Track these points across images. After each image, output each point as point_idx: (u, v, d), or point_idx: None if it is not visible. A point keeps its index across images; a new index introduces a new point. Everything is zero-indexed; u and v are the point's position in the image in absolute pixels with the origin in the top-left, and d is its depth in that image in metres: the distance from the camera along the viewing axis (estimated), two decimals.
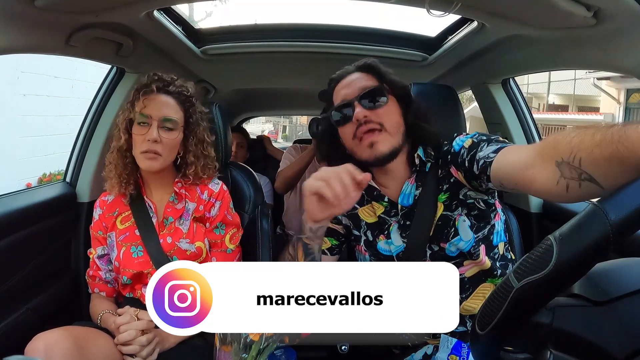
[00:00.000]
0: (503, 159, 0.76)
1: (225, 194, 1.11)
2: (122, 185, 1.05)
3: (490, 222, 0.93)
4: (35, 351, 0.81)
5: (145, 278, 1.04)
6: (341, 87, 0.96)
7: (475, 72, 1.58)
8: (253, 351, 0.67)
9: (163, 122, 1.01)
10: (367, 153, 0.91)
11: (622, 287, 0.41)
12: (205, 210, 1.08)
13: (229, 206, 1.11)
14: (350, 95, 0.92)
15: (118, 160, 1.04)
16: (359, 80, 0.94)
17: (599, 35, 0.93)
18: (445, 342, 0.88)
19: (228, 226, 1.10)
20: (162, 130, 1.01)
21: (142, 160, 1.01)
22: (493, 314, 0.42)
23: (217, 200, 1.09)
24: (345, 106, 0.93)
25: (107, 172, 1.07)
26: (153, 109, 1.00)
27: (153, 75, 1.05)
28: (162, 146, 1.01)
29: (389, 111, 0.92)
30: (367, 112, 0.89)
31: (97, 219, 1.10)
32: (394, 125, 0.91)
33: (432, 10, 0.99)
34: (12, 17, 0.89)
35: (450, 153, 0.91)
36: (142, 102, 1.00)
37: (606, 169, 0.50)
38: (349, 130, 0.92)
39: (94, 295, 1.12)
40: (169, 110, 1.02)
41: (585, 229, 0.39)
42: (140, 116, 1.00)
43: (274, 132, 20.08)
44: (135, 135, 1.01)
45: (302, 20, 7.18)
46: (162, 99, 1.02)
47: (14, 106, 4.99)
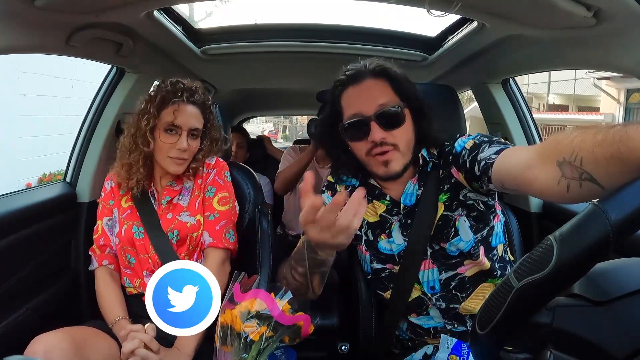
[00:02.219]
0: (504, 160, 0.76)
1: (220, 164, 1.16)
2: (139, 184, 1.09)
3: (489, 224, 0.93)
4: (35, 354, 0.81)
5: (147, 263, 1.07)
6: (354, 95, 0.91)
7: (475, 72, 1.58)
8: (253, 351, 0.67)
9: (190, 131, 1.07)
10: (381, 170, 0.91)
11: (622, 287, 0.41)
12: (203, 182, 1.13)
13: (222, 174, 1.15)
14: (366, 111, 0.88)
15: (140, 163, 1.07)
16: (375, 93, 0.89)
17: (599, 35, 0.93)
18: (445, 342, 0.88)
19: (218, 189, 1.12)
20: (189, 139, 1.07)
21: (171, 165, 1.07)
22: (493, 314, 0.42)
23: (213, 169, 1.15)
24: (360, 123, 0.89)
25: (122, 173, 1.09)
26: (183, 120, 1.06)
27: (177, 82, 1.08)
28: (189, 152, 1.08)
29: (404, 131, 0.90)
30: (384, 133, 0.88)
31: (109, 190, 1.15)
32: (407, 144, 0.91)
33: (432, 10, 0.99)
34: (12, 17, 0.89)
35: (452, 154, 0.91)
36: (172, 112, 1.05)
37: (607, 169, 0.50)
38: (362, 146, 0.91)
39: (105, 284, 1.08)
40: (196, 121, 1.09)
41: (586, 229, 0.39)
42: (170, 125, 1.06)
43: (274, 132, 20.09)
44: (163, 142, 1.06)
45: (302, 20, 7.20)
46: (190, 109, 1.08)
47: (14, 106, 4.99)
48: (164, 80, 1.10)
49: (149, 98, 1.08)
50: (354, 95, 0.91)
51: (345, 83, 0.93)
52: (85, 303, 1.33)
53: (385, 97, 0.90)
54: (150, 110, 1.05)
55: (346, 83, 0.92)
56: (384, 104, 0.89)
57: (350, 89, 0.92)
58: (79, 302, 1.33)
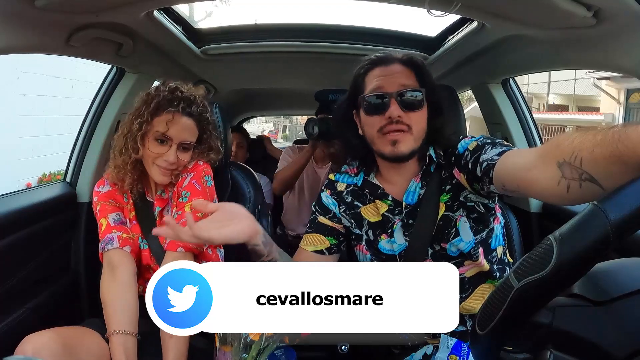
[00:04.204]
0: (506, 161, 0.76)
1: (198, 168, 1.06)
2: (132, 187, 1.06)
3: (489, 226, 0.93)
4: (24, 354, 0.81)
5: (148, 272, 1.04)
6: (380, 73, 0.93)
7: (475, 72, 1.58)
8: (253, 351, 0.67)
9: (181, 144, 1.03)
10: (388, 149, 0.91)
11: (622, 287, 0.41)
12: (178, 186, 1.05)
13: (201, 177, 1.05)
14: (389, 88, 0.91)
15: (130, 167, 1.04)
16: (401, 75, 0.92)
17: (599, 35, 0.93)
18: (445, 342, 0.88)
19: (193, 194, 1.01)
20: (179, 151, 1.02)
21: (156, 174, 1.03)
22: (493, 314, 0.42)
23: (189, 173, 1.05)
24: (380, 97, 0.91)
25: (115, 176, 1.05)
26: (175, 132, 1.01)
27: (176, 90, 1.02)
28: (178, 164, 1.03)
29: (420, 116, 0.92)
30: (401, 112, 0.89)
31: (104, 193, 1.08)
32: (420, 130, 0.92)
33: (432, 10, 0.99)
34: (12, 17, 0.89)
35: (454, 155, 0.91)
36: (164, 122, 1.00)
37: (606, 169, 0.50)
38: (376, 122, 0.92)
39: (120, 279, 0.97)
40: (189, 134, 1.03)
41: (586, 229, 0.39)
42: (161, 135, 1.00)
43: (274, 132, 20.07)
44: (151, 151, 1.01)
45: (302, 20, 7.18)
46: (184, 121, 1.02)
47: (14, 106, 4.99)
48: (165, 83, 1.06)
49: (145, 98, 1.03)
50: (379, 75, 0.93)
51: (373, 63, 0.95)
52: (85, 303, 1.34)
53: (409, 81, 0.92)
54: (144, 114, 1.01)
55: (374, 63, 0.95)
56: (406, 85, 0.91)
57: (377, 69, 0.94)
58: (78, 302, 1.33)
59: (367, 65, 0.95)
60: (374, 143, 0.94)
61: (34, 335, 0.85)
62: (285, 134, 20.90)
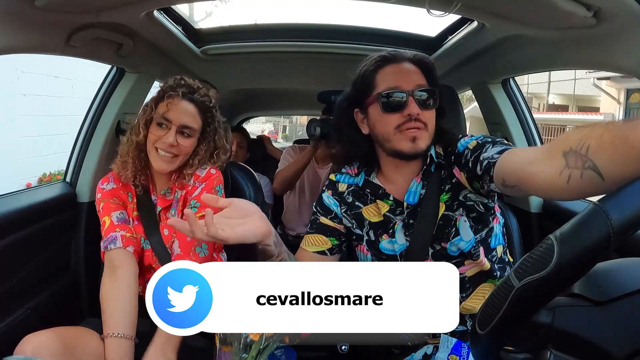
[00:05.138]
0: (507, 158, 0.76)
1: (211, 177, 1.07)
2: (136, 177, 1.06)
3: (488, 225, 0.93)
4: (24, 353, 0.81)
5: (149, 272, 1.04)
6: (393, 72, 0.93)
7: (475, 72, 1.58)
8: (253, 351, 0.67)
9: (181, 128, 1.03)
10: (408, 145, 0.91)
11: (622, 287, 0.41)
12: (188, 194, 1.06)
13: (212, 188, 1.06)
14: (406, 86, 0.90)
15: (134, 153, 1.04)
16: (415, 74, 0.92)
17: (599, 35, 0.93)
18: (445, 342, 0.88)
19: (202, 206, 0.98)
20: (179, 136, 1.02)
21: (156, 159, 1.03)
22: (493, 313, 0.42)
23: (202, 182, 1.06)
24: (399, 94, 0.91)
25: (120, 164, 1.06)
26: (175, 114, 1.02)
27: (180, 79, 1.06)
28: (177, 150, 1.03)
29: (433, 115, 0.93)
30: (419, 110, 0.90)
31: (108, 190, 1.08)
32: (433, 128, 0.93)
33: (432, 10, 0.99)
34: (12, 17, 0.89)
35: (454, 154, 0.91)
36: (165, 105, 1.02)
37: (612, 156, 0.51)
38: (394, 119, 0.91)
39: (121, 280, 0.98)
40: (189, 118, 1.04)
41: (586, 229, 0.39)
42: (161, 118, 1.02)
43: (274, 132, 20.06)
44: (152, 134, 1.03)
45: (302, 20, 7.19)
46: (185, 105, 1.04)
47: (14, 106, 4.99)
48: (172, 78, 1.08)
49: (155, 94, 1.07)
50: (393, 72, 0.93)
51: (384, 60, 0.95)
52: (84, 303, 1.34)
53: (422, 80, 0.93)
54: (150, 103, 1.05)
55: (385, 60, 0.95)
56: (421, 85, 0.91)
57: (388, 67, 0.94)
58: (78, 302, 1.33)
59: (379, 62, 0.95)
60: (389, 140, 0.93)
61: (33, 335, 0.85)
62: (285, 134, 20.90)
